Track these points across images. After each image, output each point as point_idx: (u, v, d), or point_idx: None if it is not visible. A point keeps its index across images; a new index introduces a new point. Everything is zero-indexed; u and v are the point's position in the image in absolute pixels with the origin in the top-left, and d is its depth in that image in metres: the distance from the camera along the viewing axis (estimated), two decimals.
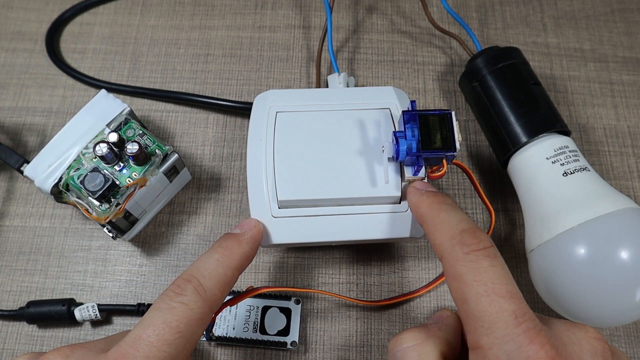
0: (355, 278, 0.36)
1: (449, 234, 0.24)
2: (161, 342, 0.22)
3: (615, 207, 0.30)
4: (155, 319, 0.23)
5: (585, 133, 0.40)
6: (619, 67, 0.42)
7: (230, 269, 0.26)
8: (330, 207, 0.30)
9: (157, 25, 0.43)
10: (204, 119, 0.40)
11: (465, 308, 0.22)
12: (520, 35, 0.43)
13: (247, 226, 0.28)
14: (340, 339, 0.34)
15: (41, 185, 0.32)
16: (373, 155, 0.31)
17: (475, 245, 0.23)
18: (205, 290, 0.24)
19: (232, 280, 0.26)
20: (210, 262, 0.25)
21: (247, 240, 0.27)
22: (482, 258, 0.23)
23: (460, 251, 0.23)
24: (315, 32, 0.43)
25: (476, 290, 0.22)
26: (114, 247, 0.36)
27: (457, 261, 0.23)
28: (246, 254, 0.27)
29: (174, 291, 0.24)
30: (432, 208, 0.26)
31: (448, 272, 0.23)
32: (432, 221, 0.26)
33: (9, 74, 0.41)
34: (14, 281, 0.35)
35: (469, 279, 0.22)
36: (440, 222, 0.25)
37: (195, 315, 0.23)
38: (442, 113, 0.28)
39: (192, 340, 0.23)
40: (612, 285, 0.29)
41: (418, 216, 0.28)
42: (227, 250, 0.26)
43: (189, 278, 0.24)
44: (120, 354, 0.22)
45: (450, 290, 0.23)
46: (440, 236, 0.24)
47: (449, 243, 0.24)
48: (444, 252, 0.24)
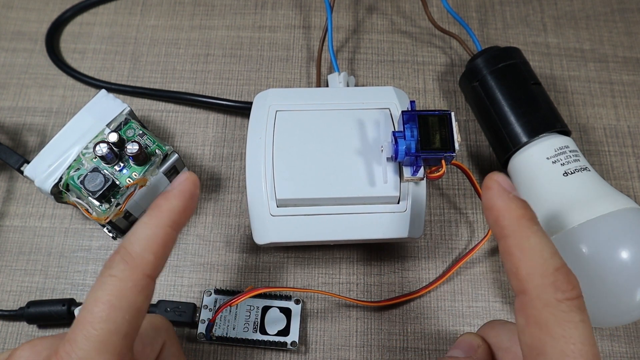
0: (355, 278, 0.36)
1: (541, 269, 0.21)
2: (96, 320, 0.21)
3: (615, 207, 0.30)
4: (89, 299, 0.22)
5: (585, 133, 0.40)
6: (619, 67, 0.42)
7: (161, 227, 0.24)
8: (329, 207, 0.30)
9: (157, 25, 0.43)
10: (204, 119, 0.40)
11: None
12: (520, 35, 0.43)
13: (177, 181, 0.26)
14: (340, 339, 0.34)
15: (41, 185, 0.32)
16: (372, 155, 0.31)
17: (569, 293, 0.20)
18: (133, 257, 0.23)
19: (167, 240, 0.24)
20: (138, 227, 0.24)
21: (175, 195, 0.25)
22: (575, 311, 0.20)
23: (552, 295, 0.20)
24: (315, 32, 0.43)
25: (562, 347, 0.19)
26: (114, 247, 0.36)
27: (546, 307, 0.20)
28: (176, 208, 0.24)
29: (105, 267, 0.23)
30: (521, 225, 0.22)
31: (530, 315, 0.20)
32: (519, 243, 0.21)
33: (9, 74, 0.41)
34: (14, 281, 0.35)
35: (556, 332, 0.20)
36: (530, 248, 0.21)
37: (126, 284, 0.22)
38: (442, 113, 0.29)
39: (134, 311, 0.22)
40: (612, 285, 0.29)
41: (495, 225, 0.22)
42: (155, 210, 0.24)
43: (117, 250, 0.23)
44: (66, 340, 0.22)
45: (524, 334, 0.21)
46: (529, 268, 0.21)
47: (539, 281, 0.20)
48: (530, 290, 0.20)
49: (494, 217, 0.22)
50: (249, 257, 0.36)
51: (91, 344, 0.21)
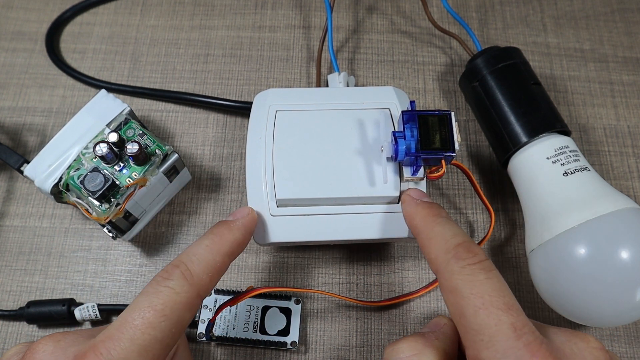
0: (355, 278, 0.36)
1: (444, 247, 0.24)
2: (146, 325, 0.22)
3: (615, 207, 0.30)
4: (142, 302, 0.23)
5: (585, 133, 0.40)
6: (619, 67, 0.42)
7: (220, 254, 0.26)
8: (329, 207, 0.30)
9: (157, 25, 0.43)
10: (204, 119, 0.40)
11: (464, 322, 0.22)
12: (520, 35, 0.43)
13: (240, 214, 0.28)
14: (340, 339, 0.34)
15: (41, 185, 0.32)
16: (372, 155, 0.31)
17: (470, 259, 0.23)
18: (192, 275, 0.24)
19: (222, 267, 0.26)
20: (200, 248, 0.26)
21: (238, 227, 0.27)
22: (478, 271, 0.23)
23: (455, 265, 0.23)
24: (315, 32, 0.43)
25: (473, 303, 0.22)
26: (114, 247, 0.36)
27: (453, 275, 0.23)
28: (237, 241, 0.27)
29: (162, 276, 0.24)
30: (426, 221, 0.26)
31: (444, 286, 0.23)
32: (427, 234, 0.26)
33: (9, 74, 0.41)
34: (14, 281, 0.35)
35: (465, 292, 0.22)
36: (434, 235, 0.25)
37: (181, 299, 0.23)
38: (442, 113, 0.28)
39: (179, 325, 0.23)
40: (612, 285, 0.29)
41: (412, 227, 0.27)
42: (217, 237, 0.26)
43: (177, 264, 0.25)
44: (106, 337, 0.22)
45: (447, 304, 0.23)
46: (435, 250, 0.25)
47: (443, 257, 0.24)
48: (439, 266, 0.24)
49: (408, 222, 0.28)
50: (249, 257, 0.36)
51: (135, 347, 0.21)
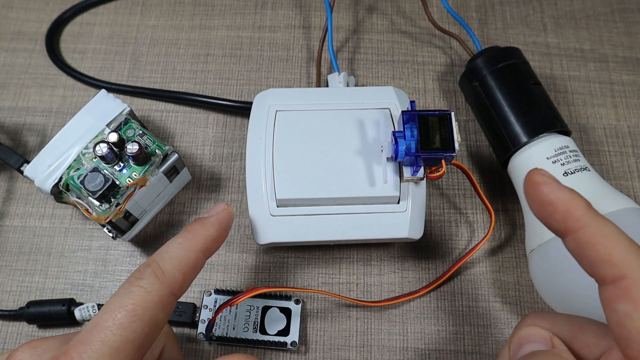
0: (355, 278, 0.36)
1: (633, 249, 0.20)
2: (116, 326, 0.22)
3: (615, 207, 0.30)
4: (113, 304, 0.22)
5: (585, 133, 0.40)
6: (619, 67, 0.42)
7: (193, 251, 0.25)
8: (329, 207, 0.30)
9: (157, 25, 0.43)
10: (204, 119, 0.40)
11: None
12: (520, 35, 0.43)
13: (215, 210, 0.28)
14: (340, 339, 0.34)
15: (41, 185, 0.32)
16: (372, 155, 0.31)
17: None
18: (164, 273, 0.24)
19: (197, 264, 0.25)
20: (172, 246, 0.25)
21: (212, 223, 0.27)
22: None
23: None
24: (315, 32, 0.43)
25: None
26: (114, 247, 0.36)
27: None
28: (211, 237, 0.26)
29: (134, 276, 0.24)
30: (593, 213, 0.21)
31: (637, 297, 0.19)
32: (601, 229, 0.20)
33: (9, 74, 0.41)
34: (14, 281, 0.35)
35: None
36: (612, 232, 0.20)
37: (153, 298, 0.23)
38: (442, 113, 0.29)
39: (152, 325, 0.23)
40: None
41: (570, 217, 0.21)
42: (191, 234, 0.26)
43: (149, 263, 0.24)
44: (78, 341, 0.22)
45: (632, 317, 0.19)
46: (622, 251, 0.20)
47: (637, 262, 0.20)
48: (632, 271, 0.20)
49: (564, 211, 0.21)
50: (249, 257, 0.36)
51: (106, 349, 0.21)
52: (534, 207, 0.22)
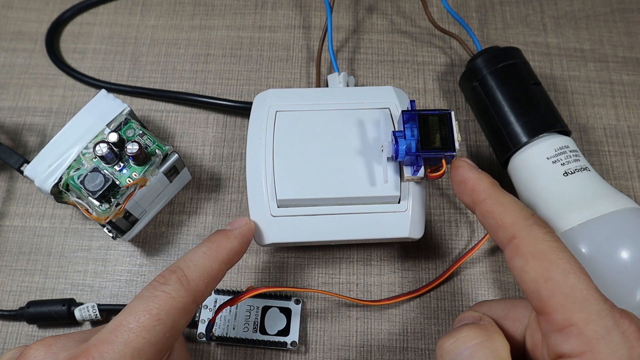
0: (355, 278, 0.36)
1: (522, 214, 0.24)
2: (140, 329, 0.22)
3: (615, 207, 0.30)
4: (137, 306, 0.23)
5: (585, 133, 0.40)
6: (619, 67, 0.42)
7: (217, 262, 0.26)
8: (330, 207, 0.30)
9: (157, 25, 0.43)
10: (204, 119, 0.40)
11: (550, 286, 0.21)
12: (520, 35, 0.43)
13: (238, 223, 0.29)
14: (340, 339, 0.34)
15: (41, 185, 0.32)
16: (372, 154, 0.31)
17: (548, 228, 0.23)
18: (188, 280, 0.25)
19: (219, 274, 0.26)
20: (197, 255, 0.26)
21: (235, 236, 0.28)
22: (557, 240, 0.23)
23: (538, 231, 0.23)
24: (315, 32, 0.43)
25: (563, 267, 0.22)
26: (114, 247, 0.36)
27: (538, 240, 0.23)
28: (234, 249, 0.27)
29: (158, 281, 0.24)
30: (495, 188, 0.26)
31: (527, 250, 0.23)
32: (497, 199, 0.25)
33: (9, 74, 0.41)
34: (14, 281, 0.35)
35: (553, 257, 0.22)
36: (507, 202, 0.25)
37: (177, 304, 0.23)
38: (442, 113, 0.28)
39: (174, 330, 0.23)
40: (612, 285, 0.29)
41: (474, 192, 0.26)
42: (215, 244, 0.27)
43: (174, 269, 0.25)
44: (99, 340, 0.22)
45: (526, 269, 0.22)
46: (512, 215, 0.24)
47: (524, 223, 0.23)
48: (519, 231, 0.23)
49: (470, 187, 0.26)
50: (249, 257, 0.36)
51: (128, 350, 0.22)
52: (453, 185, 0.28)
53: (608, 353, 0.20)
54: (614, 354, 0.20)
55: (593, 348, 0.20)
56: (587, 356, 0.20)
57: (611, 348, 0.20)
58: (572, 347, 0.21)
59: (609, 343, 0.20)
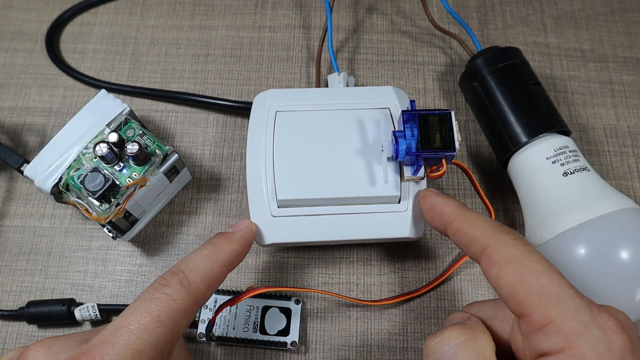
0: (355, 278, 0.36)
1: (489, 226, 0.25)
2: (141, 330, 0.22)
3: (615, 207, 0.30)
4: (138, 308, 0.23)
5: (585, 133, 0.40)
6: (619, 67, 0.42)
7: (218, 264, 0.26)
8: (330, 207, 0.30)
9: (157, 25, 0.43)
10: (204, 119, 0.40)
11: (525, 287, 0.22)
12: (520, 35, 0.43)
13: (239, 226, 0.29)
14: (340, 339, 0.34)
15: (41, 185, 0.32)
16: (372, 154, 0.31)
17: (516, 234, 0.24)
18: (190, 282, 0.25)
19: (220, 276, 0.26)
20: (198, 257, 0.26)
21: (237, 239, 0.28)
22: (526, 244, 0.24)
23: (507, 238, 0.24)
24: (315, 32, 0.43)
25: (534, 268, 0.22)
26: (114, 247, 0.36)
27: (508, 246, 0.23)
28: (235, 252, 0.27)
29: (159, 283, 0.24)
30: (461, 208, 0.27)
31: (499, 257, 0.23)
32: (465, 217, 0.26)
33: (9, 74, 0.41)
34: (14, 281, 0.35)
35: (524, 259, 0.23)
36: (473, 218, 0.26)
37: (178, 306, 0.24)
38: (442, 113, 0.28)
39: (175, 332, 0.23)
40: (612, 285, 0.29)
41: (442, 215, 0.28)
42: (216, 247, 0.27)
43: (175, 271, 0.25)
44: (100, 342, 0.22)
45: (501, 275, 0.23)
46: (480, 228, 0.25)
47: (492, 233, 0.24)
48: (489, 241, 0.24)
49: (439, 211, 0.28)
50: (249, 257, 0.36)
51: (129, 352, 0.22)
52: (424, 214, 0.29)
53: (587, 347, 0.20)
54: (593, 348, 0.20)
55: (572, 343, 0.20)
56: (567, 352, 0.20)
57: (590, 342, 0.20)
58: (552, 344, 0.21)
59: (587, 337, 0.20)
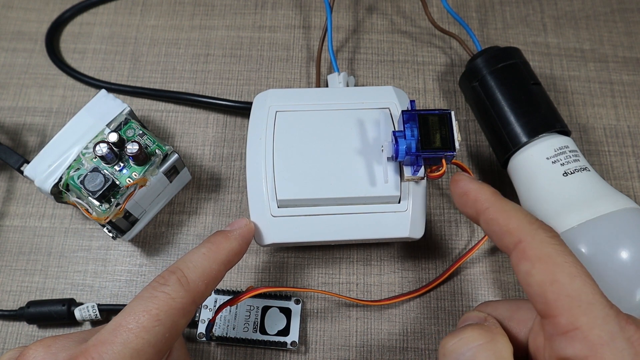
0: (355, 278, 0.36)
1: (526, 219, 0.24)
2: (140, 329, 0.22)
3: (615, 207, 0.30)
4: (136, 307, 0.23)
5: (585, 133, 0.40)
6: (619, 67, 0.42)
7: (216, 263, 0.26)
8: (330, 207, 0.30)
9: (157, 25, 0.43)
10: (204, 119, 0.40)
11: (556, 289, 0.21)
12: (520, 35, 0.43)
13: (238, 224, 0.29)
14: (340, 339, 0.34)
15: (41, 185, 0.32)
16: (372, 154, 0.31)
17: (554, 232, 0.23)
18: (188, 281, 0.25)
19: (218, 275, 0.26)
20: (197, 256, 0.26)
21: (235, 237, 0.28)
22: (562, 243, 0.23)
23: (544, 235, 0.23)
24: (315, 32, 0.43)
25: (569, 270, 0.21)
26: (114, 247, 0.36)
27: (543, 243, 0.23)
28: (234, 250, 0.27)
29: (158, 282, 0.24)
30: (497, 196, 0.26)
31: (533, 253, 0.23)
32: (501, 207, 0.25)
33: (9, 74, 0.41)
34: (14, 281, 0.35)
35: (559, 260, 0.22)
36: (511, 209, 0.25)
37: (176, 304, 0.23)
38: (442, 113, 0.28)
39: (174, 331, 0.23)
40: (612, 285, 0.29)
41: (477, 202, 0.26)
42: (215, 245, 0.27)
43: (173, 270, 0.25)
44: (99, 341, 0.22)
45: (532, 273, 0.22)
46: (517, 220, 0.24)
47: (529, 227, 0.23)
48: (525, 235, 0.23)
49: (473, 198, 0.26)
50: (249, 257, 0.36)
51: (127, 351, 0.22)
52: (455, 199, 0.27)
53: (612, 359, 0.20)
54: (617, 359, 0.20)
55: (597, 353, 0.20)
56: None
57: (615, 354, 0.20)
58: (576, 351, 0.20)
59: (613, 349, 0.20)
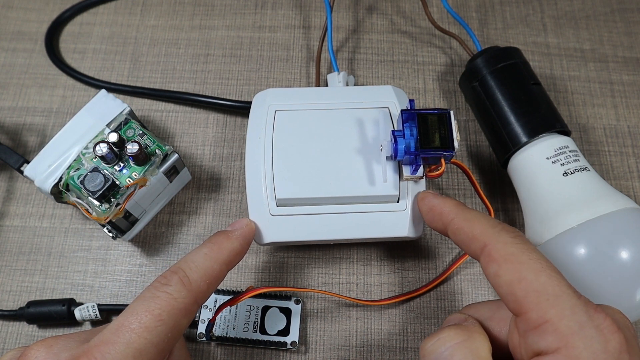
0: (355, 278, 0.36)
1: (489, 224, 0.25)
2: (142, 329, 0.22)
3: (615, 207, 0.30)
4: (139, 307, 0.23)
5: (585, 133, 0.40)
6: (619, 67, 0.42)
7: (218, 263, 0.26)
8: (329, 206, 0.30)
9: (157, 25, 0.43)
10: (204, 119, 0.40)
11: (523, 285, 0.22)
12: (520, 35, 0.43)
13: (239, 224, 0.29)
14: (340, 339, 0.34)
15: (41, 185, 0.32)
16: (372, 154, 0.31)
17: (516, 232, 0.24)
18: (190, 281, 0.25)
19: (220, 275, 0.26)
20: (198, 256, 0.26)
21: (236, 237, 0.28)
22: (526, 242, 0.24)
23: (507, 236, 0.24)
24: (315, 32, 0.43)
25: (533, 266, 0.22)
26: (114, 247, 0.36)
27: (507, 244, 0.23)
28: (235, 250, 0.27)
29: (160, 282, 0.24)
30: (459, 207, 0.27)
31: (498, 255, 0.23)
32: (464, 216, 0.26)
33: (9, 74, 0.41)
34: (14, 281, 0.35)
35: (523, 258, 0.23)
36: (473, 217, 0.26)
37: (179, 304, 0.24)
38: (441, 112, 0.28)
39: (176, 330, 0.23)
40: (612, 285, 0.29)
41: (442, 214, 0.28)
42: (216, 245, 0.27)
43: (175, 270, 0.25)
44: (101, 341, 0.22)
45: (499, 273, 0.23)
46: (480, 226, 0.25)
47: (492, 230, 0.24)
48: (489, 239, 0.24)
49: (438, 211, 0.28)
50: (249, 257, 0.36)
51: (130, 351, 0.22)
52: (423, 216, 0.29)
53: (582, 347, 0.20)
54: (588, 348, 0.20)
55: (568, 343, 0.20)
56: (562, 352, 0.20)
57: (585, 342, 0.20)
58: (548, 343, 0.21)
59: (583, 337, 0.20)
